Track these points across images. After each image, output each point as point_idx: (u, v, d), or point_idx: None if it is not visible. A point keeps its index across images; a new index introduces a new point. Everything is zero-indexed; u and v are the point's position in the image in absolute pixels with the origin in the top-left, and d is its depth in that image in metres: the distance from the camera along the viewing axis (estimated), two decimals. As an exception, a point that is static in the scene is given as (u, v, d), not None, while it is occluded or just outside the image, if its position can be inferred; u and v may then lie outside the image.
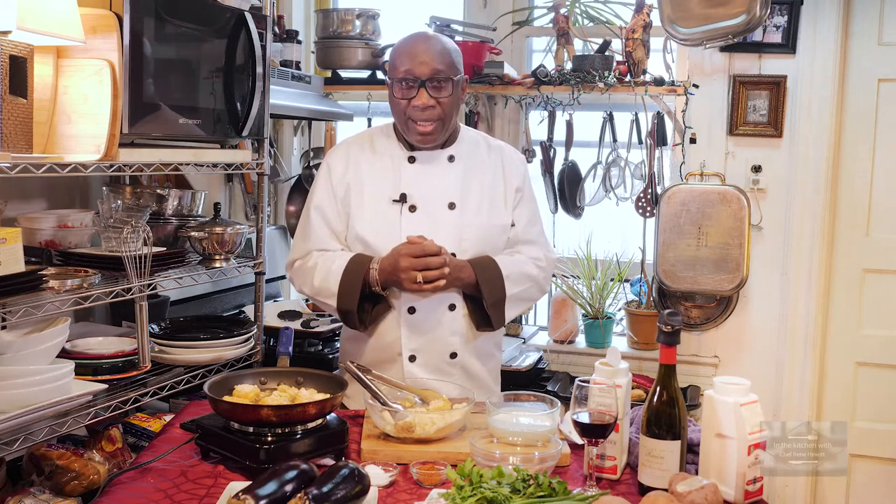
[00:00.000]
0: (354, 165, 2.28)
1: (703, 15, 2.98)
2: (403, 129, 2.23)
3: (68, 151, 2.04)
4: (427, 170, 2.24)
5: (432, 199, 2.22)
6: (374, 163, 2.28)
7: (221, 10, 2.42)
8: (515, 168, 2.35)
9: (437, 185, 2.23)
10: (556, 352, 3.49)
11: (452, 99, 2.18)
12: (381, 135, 2.34)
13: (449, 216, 2.22)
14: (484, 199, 2.26)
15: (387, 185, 2.24)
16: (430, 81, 2.14)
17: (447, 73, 2.16)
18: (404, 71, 2.15)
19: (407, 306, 2.19)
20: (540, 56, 3.70)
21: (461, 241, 2.20)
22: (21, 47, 1.87)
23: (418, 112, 2.15)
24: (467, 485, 1.54)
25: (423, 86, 2.13)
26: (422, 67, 2.14)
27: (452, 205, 2.23)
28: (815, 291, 3.27)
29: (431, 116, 2.16)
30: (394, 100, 2.20)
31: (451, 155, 2.27)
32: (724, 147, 3.30)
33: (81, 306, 2.05)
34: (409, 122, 2.18)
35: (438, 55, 2.16)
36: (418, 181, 2.23)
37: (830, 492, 3.34)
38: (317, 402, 1.77)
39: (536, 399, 1.94)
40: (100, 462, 2.17)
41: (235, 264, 2.62)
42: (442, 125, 2.19)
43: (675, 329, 1.64)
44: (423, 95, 2.13)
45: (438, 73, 2.15)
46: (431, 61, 2.15)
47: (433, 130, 2.18)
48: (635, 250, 3.45)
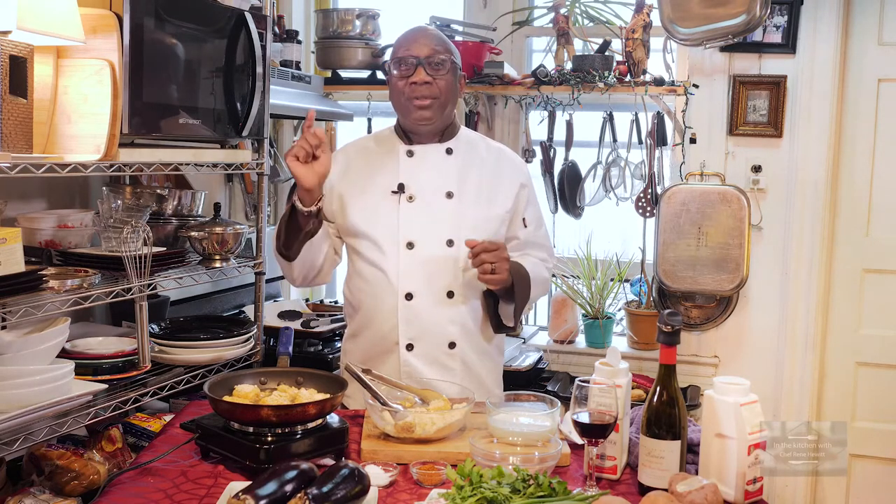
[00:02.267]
0: (356, 162, 2.31)
1: (703, 15, 2.98)
2: (403, 113, 2.25)
3: (68, 151, 2.04)
4: (425, 161, 2.26)
5: (430, 189, 2.24)
6: (373, 158, 2.30)
7: (221, 10, 2.42)
8: (516, 166, 2.38)
9: (434, 176, 2.25)
10: (556, 352, 3.49)
11: (449, 82, 2.22)
12: (382, 135, 2.37)
13: (447, 205, 2.24)
14: (482, 190, 2.28)
15: (385, 177, 2.26)
16: (427, 60, 2.19)
17: (445, 56, 2.21)
18: (403, 51, 2.21)
19: (405, 292, 2.20)
20: (540, 56, 3.70)
21: (459, 230, 2.21)
22: (21, 47, 1.87)
23: (416, 88, 2.18)
24: (467, 485, 1.54)
25: (420, 64, 2.19)
26: (420, 48, 2.20)
27: (450, 194, 2.24)
28: (815, 291, 3.27)
29: (430, 93, 2.19)
30: (393, 82, 2.23)
31: (450, 148, 2.29)
32: (724, 147, 3.30)
33: (81, 306, 2.05)
34: (407, 102, 2.21)
35: (437, 39, 2.24)
36: (416, 172, 2.25)
37: (830, 492, 3.34)
38: (317, 402, 1.77)
39: (536, 399, 1.94)
40: (100, 462, 2.17)
41: (235, 264, 2.63)
42: (439, 106, 2.22)
43: (675, 329, 1.64)
44: (421, 72, 2.18)
45: (436, 53, 2.20)
46: (430, 43, 2.21)
47: (430, 106, 2.21)
48: (635, 250, 3.45)
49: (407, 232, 2.20)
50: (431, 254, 2.20)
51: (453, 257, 2.20)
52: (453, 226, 2.22)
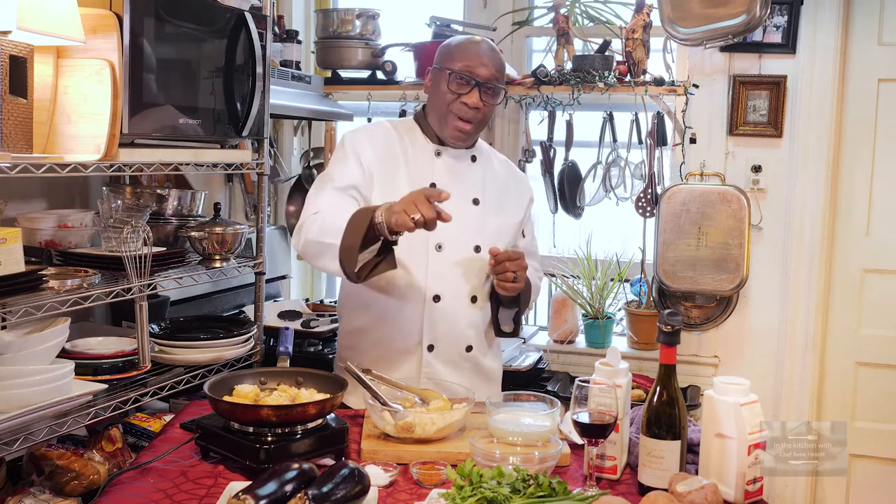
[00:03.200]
0: (382, 149, 2.24)
1: (703, 15, 2.98)
2: (440, 121, 2.23)
3: (68, 151, 2.04)
4: (454, 165, 2.27)
5: (458, 193, 2.21)
6: (405, 149, 2.27)
7: (221, 10, 2.42)
8: (523, 180, 2.47)
9: (463, 181, 2.26)
10: (556, 352, 3.49)
11: (493, 109, 2.26)
12: (403, 127, 2.32)
13: (473, 210, 2.25)
14: (501, 199, 2.32)
15: (416, 173, 2.23)
16: (485, 84, 2.17)
17: (500, 84, 2.22)
18: (464, 66, 2.17)
19: (433, 294, 2.19)
20: (540, 56, 3.70)
21: (482, 236, 2.23)
22: (21, 47, 1.87)
23: (465, 110, 2.17)
24: (467, 485, 1.54)
25: (478, 86, 2.16)
26: (483, 69, 2.17)
27: (476, 200, 2.27)
28: (815, 291, 3.27)
29: (475, 118, 2.20)
30: (442, 91, 2.19)
31: (474, 156, 2.32)
32: (724, 147, 3.30)
33: (81, 306, 2.05)
34: (450, 115, 2.19)
35: (499, 64, 2.22)
36: (446, 174, 2.25)
37: (830, 492, 3.34)
38: (317, 402, 1.77)
39: (536, 399, 1.95)
40: (100, 462, 2.17)
41: (235, 264, 2.63)
42: (477, 129, 2.24)
43: (675, 329, 1.64)
44: (475, 96, 2.16)
45: (496, 79, 2.19)
46: (493, 67, 2.19)
47: (471, 131, 2.22)
48: (635, 250, 3.45)
49: (437, 233, 2.11)
50: (460, 257, 2.21)
51: (480, 262, 2.22)
52: (479, 232, 2.24)
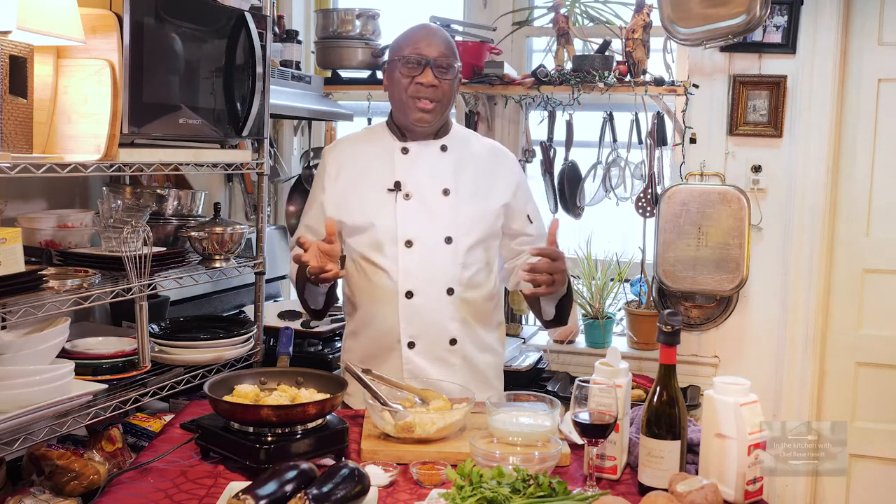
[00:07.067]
0: (350, 160, 2.31)
1: (703, 15, 2.98)
2: (402, 110, 2.24)
3: (68, 151, 2.04)
4: (420, 159, 2.27)
5: (426, 187, 2.25)
6: (369, 154, 2.30)
7: (221, 10, 2.42)
8: (510, 160, 2.40)
9: (430, 173, 2.26)
10: (556, 352, 3.50)
11: (452, 86, 2.25)
12: (375, 130, 2.39)
13: (444, 202, 2.24)
14: (478, 185, 2.29)
15: (381, 175, 2.26)
16: (435, 62, 2.19)
17: (451, 60, 2.23)
18: (411, 49, 2.21)
19: (405, 291, 2.20)
20: (540, 56, 3.70)
21: (457, 227, 2.23)
22: (21, 47, 1.87)
23: (422, 89, 2.19)
24: (467, 485, 1.54)
25: (429, 65, 2.19)
26: (430, 49, 2.20)
27: (447, 191, 2.25)
28: (815, 291, 3.27)
29: (434, 96, 2.20)
30: (396, 79, 2.22)
31: (444, 145, 2.30)
32: (724, 147, 3.30)
33: (81, 306, 2.05)
34: (409, 100, 2.21)
35: (445, 41, 2.25)
36: (412, 169, 2.26)
37: (830, 492, 3.34)
38: (317, 402, 1.77)
39: (536, 399, 1.94)
40: (100, 462, 2.17)
41: (235, 264, 2.62)
42: (440, 108, 2.23)
43: (675, 329, 1.64)
44: (429, 74, 2.19)
45: (445, 56, 2.21)
46: (439, 45, 2.22)
47: (433, 109, 2.22)
48: (635, 250, 3.45)
49: (405, 230, 2.21)
50: (430, 251, 2.21)
51: (452, 254, 2.21)
52: (451, 223, 2.23)
